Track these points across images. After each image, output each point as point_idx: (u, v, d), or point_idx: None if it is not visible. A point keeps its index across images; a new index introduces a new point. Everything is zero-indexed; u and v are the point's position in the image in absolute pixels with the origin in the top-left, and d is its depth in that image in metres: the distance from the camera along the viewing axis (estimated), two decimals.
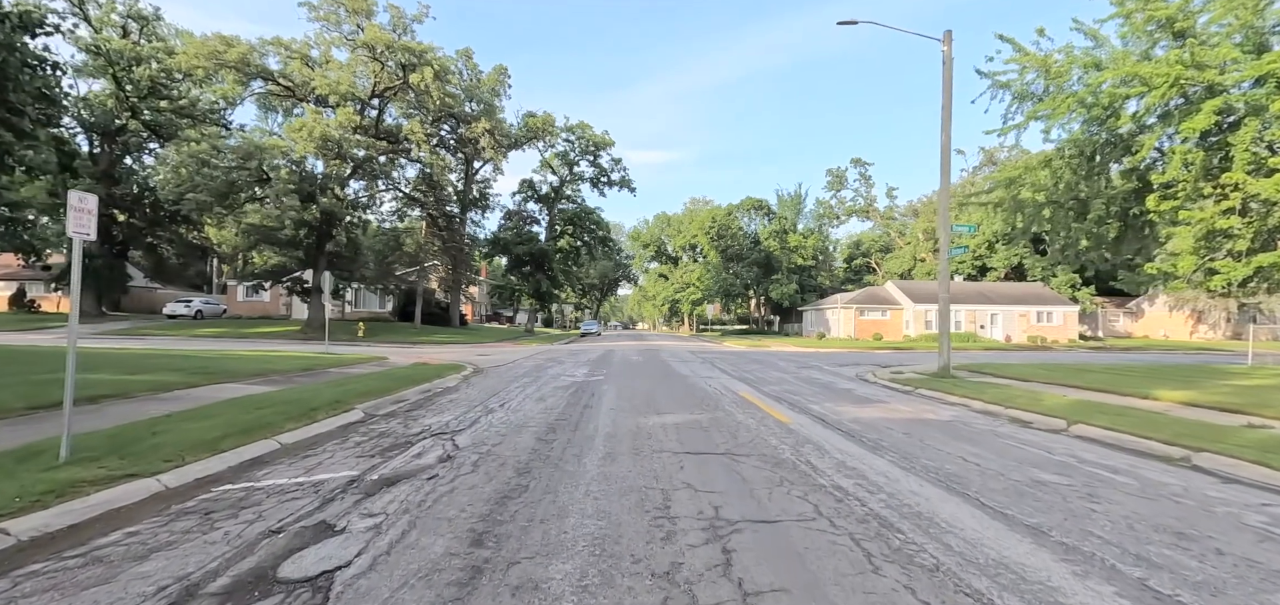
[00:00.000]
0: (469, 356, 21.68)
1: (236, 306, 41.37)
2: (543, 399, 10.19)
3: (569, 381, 13.21)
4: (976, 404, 10.63)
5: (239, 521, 4.07)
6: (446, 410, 9.17)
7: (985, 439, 7.33)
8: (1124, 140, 17.88)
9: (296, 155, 27.55)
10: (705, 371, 16.40)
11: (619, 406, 9.33)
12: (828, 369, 18.31)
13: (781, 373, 16.44)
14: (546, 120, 44.06)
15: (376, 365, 16.42)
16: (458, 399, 10.46)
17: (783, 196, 69.21)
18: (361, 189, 33.63)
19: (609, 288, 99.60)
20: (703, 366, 18.22)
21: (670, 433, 7.16)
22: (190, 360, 14.39)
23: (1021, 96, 19.54)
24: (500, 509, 4.24)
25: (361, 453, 6.20)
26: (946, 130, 14.97)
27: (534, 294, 48.31)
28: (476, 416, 8.45)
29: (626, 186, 52.32)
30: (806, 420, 8.30)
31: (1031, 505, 4.48)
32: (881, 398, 11.46)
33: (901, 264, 62.11)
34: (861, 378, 15.68)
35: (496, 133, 35.87)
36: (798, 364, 20.28)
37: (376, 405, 9.53)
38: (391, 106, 35.43)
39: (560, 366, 17.48)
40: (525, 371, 15.81)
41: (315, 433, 7.20)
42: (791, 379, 14.73)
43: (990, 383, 13.86)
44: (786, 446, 6.49)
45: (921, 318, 42.03)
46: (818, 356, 25.47)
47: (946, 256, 14.78)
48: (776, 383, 13.72)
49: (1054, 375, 15.13)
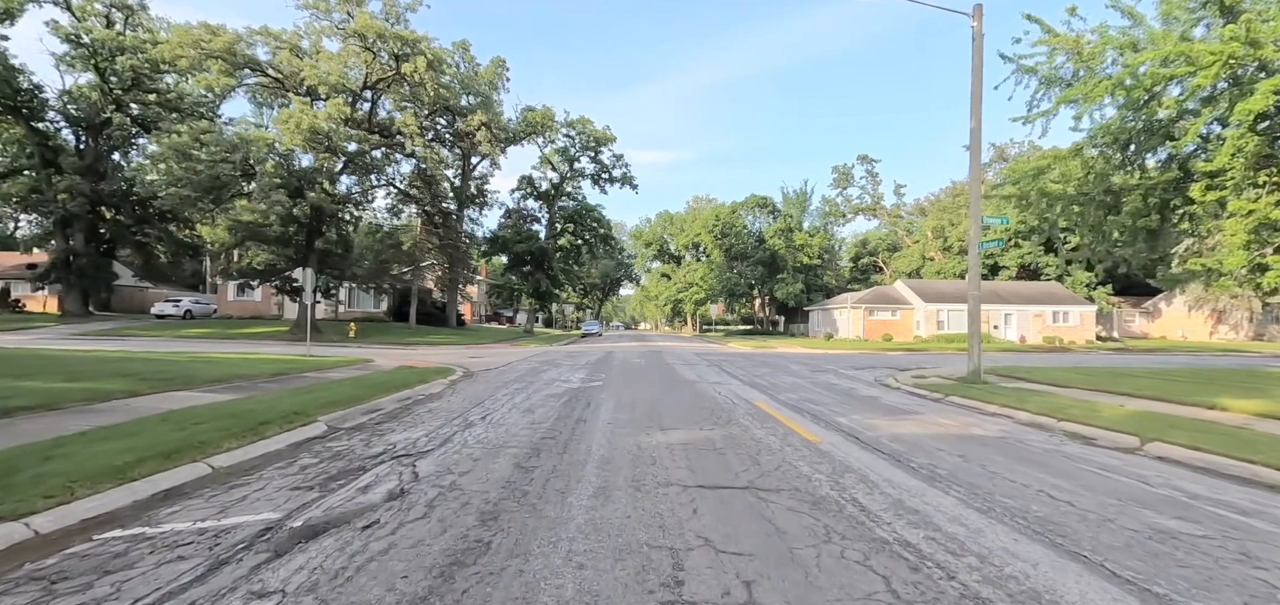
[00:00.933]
0: (461, 359, 20.51)
1: (227, 306, 40.25)
2: (531, 410, 8.98)
3: (563, 388, 12.00)
4: (1022, 415, 9.41)
5: (88, 596, 2.90)
6: (421, 423, 7.99)
7: (1054, 463, 6.10)
8: (1163, 126, 16.61)
9: (283, 148, 26.39)
10: (712, 376, 15.18)
11: (617, 420, 8.12)
12: (843, 373, 17.08)
13: (795, 377, 15.21)
14: (546, 114, 42.82)
15: (359, 369, 15.25)
16: (437, 409, 9.27)
17: (788, 194, 67.87)
18: (354, 185, 32.48)
19: (611, 288, 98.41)
20: (709, 370, 17.00)
21: (678, 457, 5.94)
22: (152, 364, 13.22)
23: (1049, 81, 18.29)
24: (445, 585, 3.03)
25: (301, 482, 5.02)
26: (977, 113, 13.72)
27: (533, 293, 47.10)
28: (451, 432, 7.26)
29: (628, 183, 51.06)
30: (838, 438, 7.08)
31: (1179, 575, 3.25)
32: (912, 407, 10.23)
33: (909, 263, 60.79)
34: (882, 383, 14.45)
35: (493, 126, 34.64)
36: (810, 367, 19.05)
37: (343, 416, 8.38)
38: (385, 99, 34.27)
39: (556, 370, 16.28)
40: (518, 376, 14.62)
41: (258, 453, 6.05)
42: (807, 385, 13.51)
43: (1027, 389, 12.61)
44: (822, 475, 5.27)
45: (933, 318, 40.74)
46: (829, 358, 24.22)
47: (977, 250, 13.52)
48: (791, 389, 12.50)
49: (1093, 380, 13.88)
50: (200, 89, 29.92)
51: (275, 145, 26.28)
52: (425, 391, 11.52)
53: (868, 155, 67.30)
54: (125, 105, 33.03)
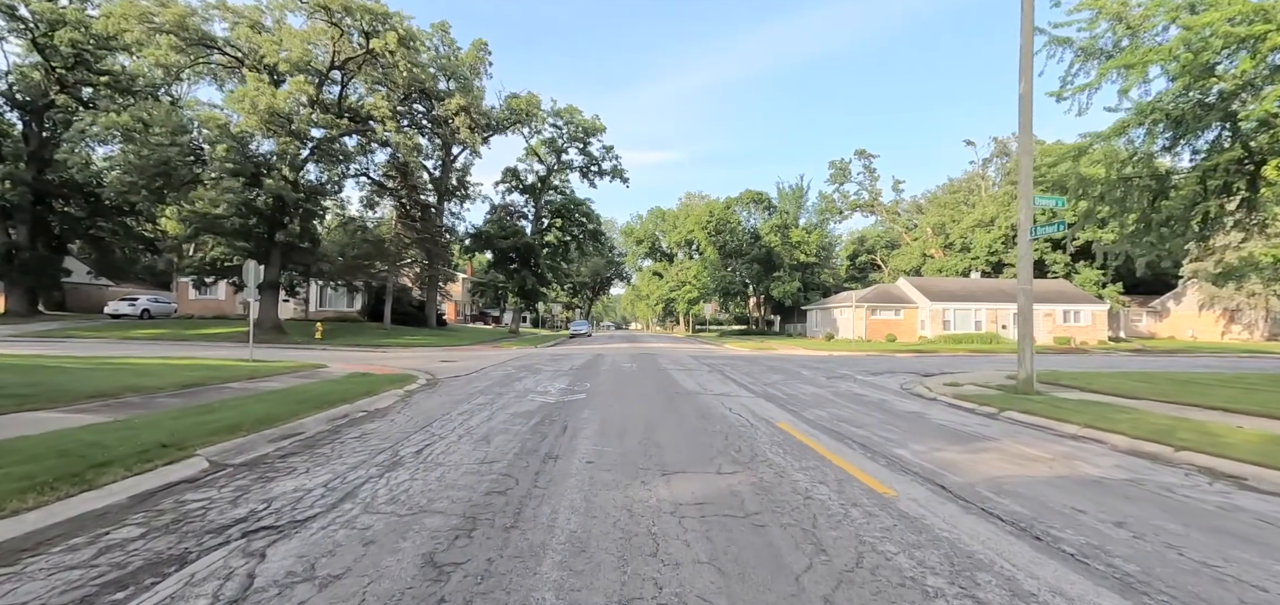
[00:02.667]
0: (431, 363, 18.26)
1: (189, 305, 37.55)
2: (487, 439, 6.78)
3: (537, 402, 9.81)
4: (1117, 439, 7.37)
5: None
6: (336, 458, 5.83)
7: (1239, 526, 4.03)
8: (1223, 100, 14.68)
9: (237, 130, 23.94)
10: (716, 384, 13.05)
11: (601, 457, 5.96)
12: (863, 379, 15.02)
13: (811, 386, 13.11)
14: (530, 102, 40.42)
15: (303, 377, 12.98)
16: (371, 434, 7.08)
17: (783, 190, 65.68)
18: (319, 173, 30.06)
19: (601, 286, 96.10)
20: (711, 377, 14.86)
21: (692, 532, 3.79)
22: (30, 373, 10.86)
23: (1089, 53, 16.34)
24: None
25: (64, 595, 2.84)
26: (1027, 74, 11.68)
27: (519, 292, 44.70)
28: (364, 478, 5.07)
29: (619, 176, 48.80)
30: (918, 489, 4.95)
31: None
32: (974, 429, 8.14)
33: (909, 261, 59.03)
34: (912, 391, 12.39)
35: (473, 111, 32.29)
36: (823, 372, 16.97)
37: (240, 447, 6.25)
38: (357, 83, 31.85)
39: (534, 378, 14.08)
40: (488, 385, 12.41)
41: (60, 519, 3.96)
42: (829, 395, 11.41)
43: (1093, 402, 10.56)
44: (938, 577, 3.14)
45: (938, 317, 38.88)
46: (838, 361, 22.18)
47: (1028, 238, 11.46)
48: (814, 402, 10.39)
49: (1159, 389, 11.89)
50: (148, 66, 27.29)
51: (228, 127, 23.81)
52: (371, 406, 9.35)
53: (866, 150, 65.56)
54: (71, 86, 30.31)
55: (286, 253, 28.73)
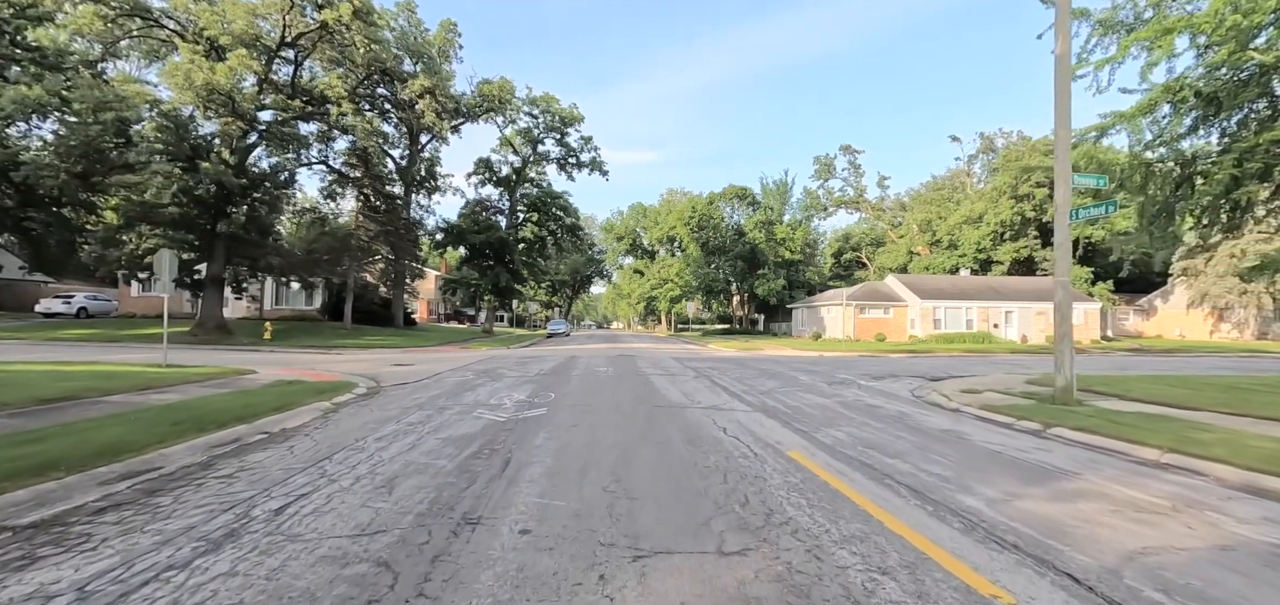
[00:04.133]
0: (383, 367, 16.18)
1: (131, 302, 34.61)
2: (390, 485, 4.84)
3: (484, 422, 7.88)
4: (1218, 469, 5.75)
5: None
6: (160, 520, 3.86)
7: None
8: (1263, 74, 13.28)
9: (168, 107, 21.50)
10: (705, 394, 11.23)
11: (544, 520, 4.07)
12: (867, 385, 13.34)
13: (814, 395, 11.36)
14: (503, 87, 38.19)
15: (216, 386, 10.88)
16: (243, 473, 5.09)
17: (767, 185, 64.17)
18: (271, 160, 27.64)
19: (581, 285, 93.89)
20: (698, 384, 13.05)
21: None
22: None
23: (1107, 25, 14.90)
24: None
25: None
26: (1064, 33, 10.04)
27: (492, 289, 42.43)
28: (153, 573, 3.11)
29: (598, 169, 46.78)
30: (1029, 577, 3.15)
31: None
32: (1033, 456, 6.42)
33: (895, 259, 57.96)
34: (925, 400, 10.74)
35: (439, 94, 30.06)
36: (820, 376, 15.27)
37: (49, 494, 4.66)
38: (314, 64, 29.44)
39: (492, 386, 12.13)
40: (434, 396, 10.44)
41: None
42: (836, 407, 9.66)
43: (1150, 414, 8.92)
44: None
45: (929, 316, 37.59)
46: (832, 364, 20.55)
47: (1067, 221, 9.80)
48: (822, 417, 8.62)
49: (1210, 397, 10.33)
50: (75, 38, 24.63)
51: (159, 104, 21.36)
52: (277, 425, 7.40)
53: (851, 145, 64.17)
54: None
55: (232, 245, 26.24)
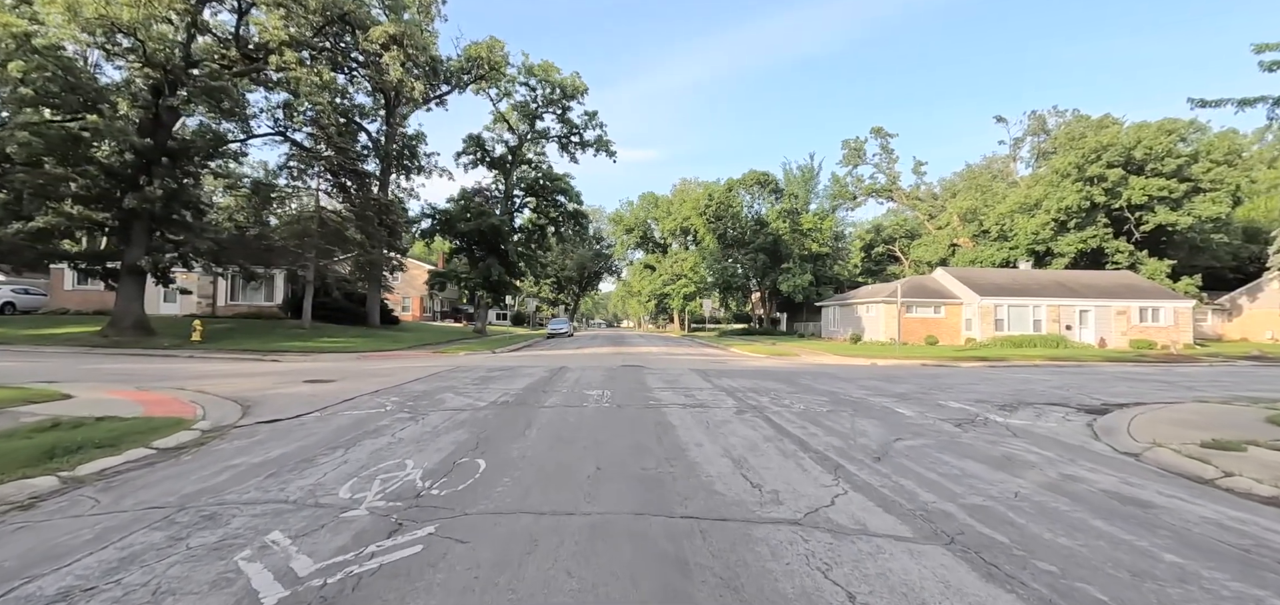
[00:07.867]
0: (289, 386, 11.26)
1: (64, 296, 30.24)
2: None
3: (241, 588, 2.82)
4: None
5: None
6: None
7: None
8: None
9: (43, 42, 16.87)
10: (773, 460, 6.13)
11: None
12: (1004, 423, 8.14)
13: (980, 463, 6.20)
14: (492, 47, 33.24)
15: None
16: None
17: (791, 172, 58.49)
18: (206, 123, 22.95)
19: (589, 281, 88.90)
20: (748, 428, 7.95)
21: None
22: None
23: None
24: None
25: None
26: None
27: (484, 283, 37.57)
28: None
29: (604, 149, 41.77)
30: None
31: None
32: None
33: (933, 252, 52.24)
34: (1116, 449, 5.52)
35: (408, 45, 25.21)
36: (927, 406, 10.07)
37: None
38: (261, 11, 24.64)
39: (395, 432, 7.12)
40: (305, 445, 5.43)
41: None
42: (1033, 490, 4.49)
43: None
44: None
45: (989, 315, 32.14)
46: (903, 376, 15.27)
47: None
48: (1004, 513, 3.46)
49: None
50: None
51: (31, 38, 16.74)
52: None
53: (883, 128, 58.43)
54: None
55: (153, 228, 21.55)
